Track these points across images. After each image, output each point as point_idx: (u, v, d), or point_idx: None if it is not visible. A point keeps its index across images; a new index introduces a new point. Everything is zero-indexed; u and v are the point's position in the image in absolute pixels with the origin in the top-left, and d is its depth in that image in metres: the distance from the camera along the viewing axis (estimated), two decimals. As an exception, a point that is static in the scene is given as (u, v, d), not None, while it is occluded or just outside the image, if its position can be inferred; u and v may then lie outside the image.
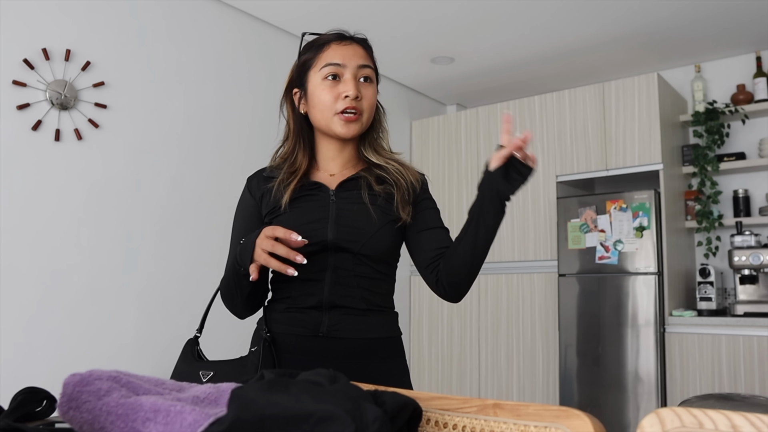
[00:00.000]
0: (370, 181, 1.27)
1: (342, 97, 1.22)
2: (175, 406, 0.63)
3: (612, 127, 3.69)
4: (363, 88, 1.24)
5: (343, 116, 1.22)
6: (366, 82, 1.25)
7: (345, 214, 1.24)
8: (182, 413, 0.62)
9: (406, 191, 1.27)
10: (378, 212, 1.24)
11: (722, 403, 2.03)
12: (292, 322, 1.23)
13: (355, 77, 1.23)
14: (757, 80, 3.72)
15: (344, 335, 1.21)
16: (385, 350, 1.25)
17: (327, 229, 1.22)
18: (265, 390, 0.62)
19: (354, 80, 1.23)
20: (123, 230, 2.72)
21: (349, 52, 1.25)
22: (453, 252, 1.25)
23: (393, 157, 1.33)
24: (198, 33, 3.10)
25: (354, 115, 1.23)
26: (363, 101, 1.24)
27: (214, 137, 3.15)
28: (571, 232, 3.64)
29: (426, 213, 1.30)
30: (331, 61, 1.23)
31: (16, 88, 2.41)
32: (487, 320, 4.01)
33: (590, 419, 0.62)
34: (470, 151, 4.23)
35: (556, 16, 3.37)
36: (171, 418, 0.62)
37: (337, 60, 1.23)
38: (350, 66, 1.23)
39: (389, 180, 1.28)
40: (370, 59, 1.27)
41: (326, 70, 1.23)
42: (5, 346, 2.31)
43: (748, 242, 3.41)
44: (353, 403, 0.59)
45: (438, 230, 1.30)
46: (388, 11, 3.33)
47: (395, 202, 1.26)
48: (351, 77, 1.23)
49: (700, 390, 3.23)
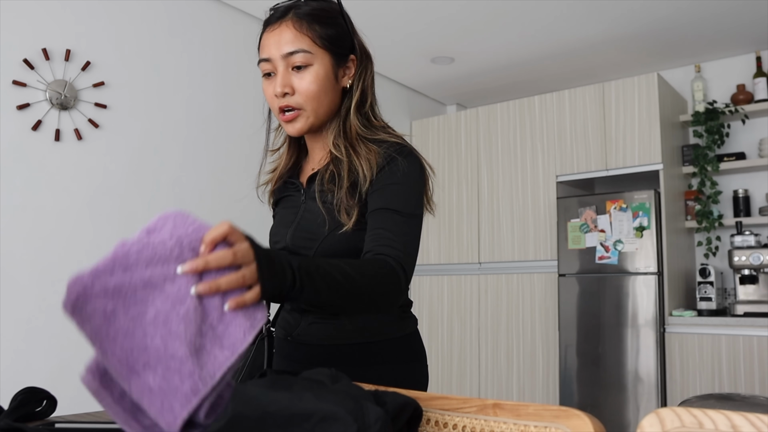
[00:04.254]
0: (333, 175, 1.10)
1: (275, 95, 1.09)
2: (176, 355, 0.62)
3: (612, 127, 3.69)
4: (296, 78, 1.07)
5: (282, 116, 1.11)
6: (300, 71, 1.07)
7: (307, 216, 1.13)
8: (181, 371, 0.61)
9: (348, 189, 1.07)
10: (329, 212, 1.09)
11: (722, 403, 2.03)
12: (280, 322, 1.22)
13: (286, 69, 1.08)
14: (757, 80, 3.72)
15: (309, 341, 1.14)
16: (354, 357, 1.12)
17: (287, 235, 1.14)
18: (267, 387, 0.62)
19: (284, 74, 1.07)
20: (123, 230, 2.72)
21: (274, 39, 1.08)
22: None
23: (362, 140, 1.11)
24: (198, 33, 3.10)
25: (292, 113, 1.09)
26: (297, 95, 1.08)
27: (214, 137, 3.15)
28: (571, 232, 3.64)
29: (373, 196, 1.06)
30: (260, 57, 1.10)
31: (16, 88, 2.41)
32: (487, 320, 4.01)
33: (590, 419, 0.62)
34: (470, 151, 4.23)
35: (556, 16, 3.37)
36: (170, 373, 0.61)
37: (265, 55, 1.09)
38: (276, 58, 1.07)
39: (342, 174, 1.09)
40: (302, 37, 1.07)
41: (261, 67, 1.10)
42: (5, 346, 2.31)
43: (748, 242, 3.41)
44: (355, 403, 0.59)
45: (375, 213, 1.05)
46: (388, 11, 3.33)
47: (335, 203, 1.08)
48: (281, 71, 1.08)
49: (700, 390, 3.23)
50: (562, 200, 3.72)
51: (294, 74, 1.08)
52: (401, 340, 1.16)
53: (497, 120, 4.14)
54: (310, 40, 1.07)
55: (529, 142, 3.98)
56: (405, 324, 1.18)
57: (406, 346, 1.17)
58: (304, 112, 1.09)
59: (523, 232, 3.94)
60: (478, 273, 4.08)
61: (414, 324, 1.22)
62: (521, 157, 4.00)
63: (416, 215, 1.07)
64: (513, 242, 3.97)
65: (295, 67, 1.07)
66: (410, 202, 1.06)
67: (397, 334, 1.16)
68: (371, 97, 1.16)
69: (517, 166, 4.01)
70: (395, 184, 1.06)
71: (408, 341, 1.18)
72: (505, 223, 4.01)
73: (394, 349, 1.15)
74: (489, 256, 4.05)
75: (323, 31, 1.09)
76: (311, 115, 1.10)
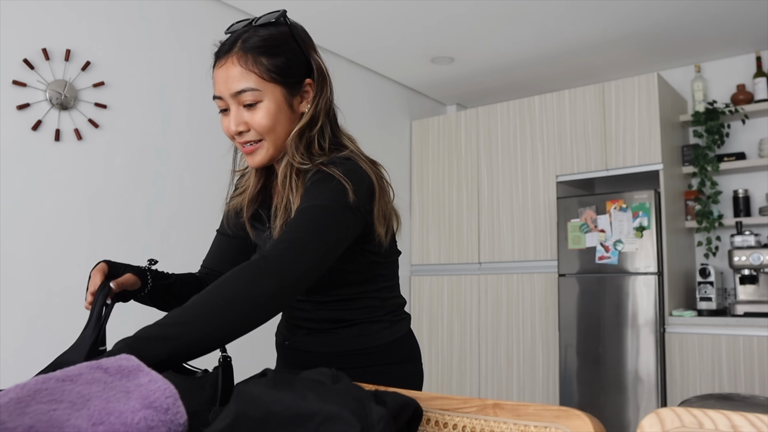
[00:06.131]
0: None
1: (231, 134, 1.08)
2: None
3: (612, 127, 3.69)
4: (248, 115, 1.05)
5: (243, 149, 1.09)
6: (251, 108, 1.05)
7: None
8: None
9: (282, 227, 1.06)
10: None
11: (722, 403, 2.03)
12: (279, 329, 1.26)
13: (237, 107, 1.05)
14: (757, 80, 3.72)
15: (304, 348, 1.18)
16: (348, 363, 1.13)
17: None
18: (270, 386, 0.62)
19: (236, 112, 1.05)
20: (123, 230, 2.72)
21: (222, 77, 1.06)
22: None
23: (300, 173, 1.07)
24: (198, 33, 3.10)
25: (252, 146, 1.07)
26: (252, 131, 1.06)
27: (214, 137, 3.14)
28: (571, 232, 3.64)
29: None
30: (214, 94, 1.08)
31: (16, 88, 2.41)
32: (487, 320, 4.01)
33: (590, 419, 0.62)
34: (470, 151, 4.23)
35: (556, 16, 3.37)
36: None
37: (216, 92, 1.07)
38: (227, 96, 1.05)
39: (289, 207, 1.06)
40: (248, 74, 1.03)
41: (216, 103, 1.08)
42: (6, 346, 2.31)
43: (748, 242, 3.41)
44: (358, 403, 0.59)
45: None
46: (388, 11, 3.33)
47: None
48: (233, 109, 1.06)
49: (700, 390, 3.23)
50: (562, 200, 3.72)
51: (246, 111, 1.05)
52: (395, 343, 1.18)
53: (497, 120, 4.14)
54: (256, 77, 1.04)
55: (529, 142, 3.98)
56: (398, 327, 1.20)
57: (400, 348, 1.19)
58: (264, 143, 1.07)
59: (523, 232, 3.94)
60: (478, 273, 4.08)
61: (407, 325, 1.23)
62: (521, 157, 4.00)
63: (322, 206, 0.98)
64: (513, 242, 3.98)
65: (246, 105, 1.05)
66: (322, 195, 1.00)
67: (390, 337, 1.17)
68: (323, 119, 1.10)
69: (517, 166, 4.01)
70: (308, 189, 1.02)
71: (402, 343, 1.19)
72: (505, 223, 4.01)
73: (388, 352, 1.16)
74: (489, 256, 4.05)
75: (271, 63, 1.04)
76: (270, 146, 1.08)
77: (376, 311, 1.16)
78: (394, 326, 1.19)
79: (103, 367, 0.66)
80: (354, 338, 1.14)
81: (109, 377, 0.65)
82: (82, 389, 0.62)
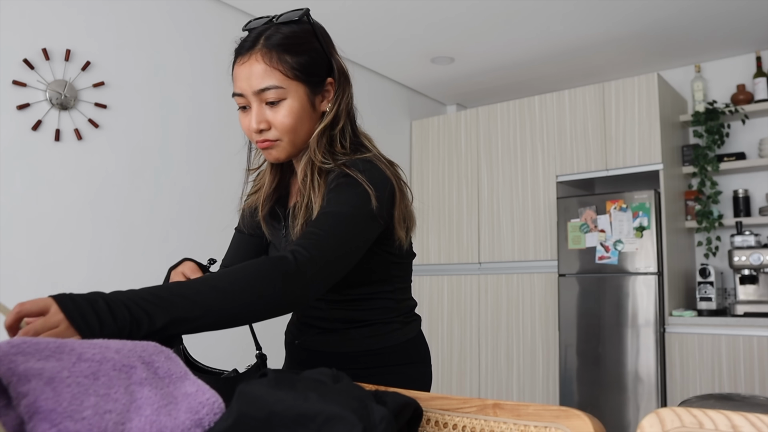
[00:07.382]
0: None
1: (251, 131, 1.07)
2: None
3: (612, 127, 3.69)
4: (271, 113, 1.04)
5: (260, 146, 1.09)
6: (274, 106, 1.04)
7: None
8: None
9: (303, 225, 1.06)
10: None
11: (722, 403, 2.03)
12: (290, 328, 1.26)
13: (260, 104, 1.04)
14: (757, 80, 3.72)
15: (314, 347, 1.18)
16: (359, 363, 1.14)
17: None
18: (271, 386, 0.62)
19: (258, 110, 1.04)
20: (123, 230, 2.72)
21: (245, 74, 1.04)
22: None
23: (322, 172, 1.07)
24: (198, 33, 3.10)
25: (270, 142, 1.07)
26: (273, 129, 1.05)
27: (214, 137, 3.15)
28: (571, 232, 3.64)
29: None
30: (234, 91, 1.07)
31: (16, 88, 2.41)
32: (487, 320, 4.01)
33: (590, 419, 0.62)
34: (470, 151, 4.24)
35: (556, 16, 3.38)
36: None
37: (237, 89, 1.06)
38: (249, 94, 1.04)
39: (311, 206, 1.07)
40: (273, 71, 1.03)
41: (235, 100, 1.07)
42: (6, 345, 2.31)
43: (748, 242, 3.41)
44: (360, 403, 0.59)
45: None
46: (388, 11, 3.33)
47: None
48: (254, 107, 1.04)
49: (700, 390, 3.23)
50: (562, 200, 3.72)
51: (268, 108, 1.04)
52: (406, 345, 1.18)
53: (497, 120, 4.14)
54: (281, 74, 1.03)
55: (529, 142, 3.98)
56: (410, 328, 1.20)
57: (410, 349, 1.19)
58: (281, 142, 1.07)
59: (523, 232, 3.95)
60: (478, 273, 4.08)
61: (418, 326, 1.24)
62: (521, 157, 4.00)
63: (349, 215, 0.98)
64: (513, 242, 3.98)
65: (268, 102, 1.04)
66: (348, 201, 1.00)
67: (401, 339, 1.17)
68: (344, 119, 1.11)
69: (517, 166, 4.01)
70: (333, 191, 1.02)
71: (412, 344, 1.20)
72: (505, 223, 4.01)
73: (399, 353, 1.17)
74: (489, 256, 4.05)
75: (295, 61, 1.04)
76: (288, 145, 1.08)
77: (390, 312, 1.16)
78: (405, 327, 1.19)
79: (154, 366, 0.65)
80: (365, 339, 1.14)
81: (159, 380, 0.64)
82: (135, 390, 0.62)
